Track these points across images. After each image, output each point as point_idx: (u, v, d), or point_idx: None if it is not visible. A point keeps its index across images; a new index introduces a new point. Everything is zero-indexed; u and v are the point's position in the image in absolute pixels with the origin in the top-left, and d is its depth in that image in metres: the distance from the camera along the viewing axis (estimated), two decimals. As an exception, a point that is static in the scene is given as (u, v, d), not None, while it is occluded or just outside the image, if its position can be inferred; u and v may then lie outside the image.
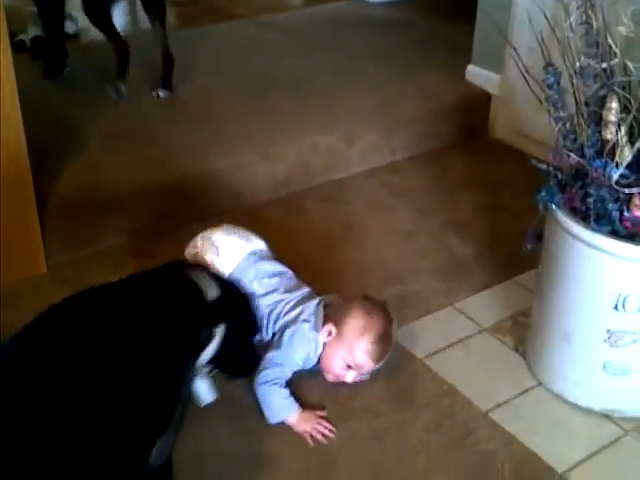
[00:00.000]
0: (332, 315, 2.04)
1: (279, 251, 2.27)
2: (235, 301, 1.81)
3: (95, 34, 3.72)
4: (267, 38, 3.92)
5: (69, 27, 3.81)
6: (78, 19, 3.86)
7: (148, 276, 1.75)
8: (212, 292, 1.73)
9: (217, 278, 1.79)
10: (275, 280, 2.14)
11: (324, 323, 2.03)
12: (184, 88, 3.30)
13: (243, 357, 1.87)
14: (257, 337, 2.02)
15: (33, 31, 3.67)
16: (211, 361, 1.76)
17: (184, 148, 2.83)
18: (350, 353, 1.99)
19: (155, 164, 2.73)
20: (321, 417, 1.97)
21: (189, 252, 2.18)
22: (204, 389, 1.86)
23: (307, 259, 2.43)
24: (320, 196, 2.92)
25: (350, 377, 2.02)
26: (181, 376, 1.57)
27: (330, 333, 2.01)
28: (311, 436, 1.93)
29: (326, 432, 1.94)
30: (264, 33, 3.98)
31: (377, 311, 2.02)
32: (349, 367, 2.00)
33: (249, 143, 2.88)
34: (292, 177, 2.91)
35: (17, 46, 3.52)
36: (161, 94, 3.21)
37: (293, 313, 2.05)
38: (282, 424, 1.94)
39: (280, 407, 1.94)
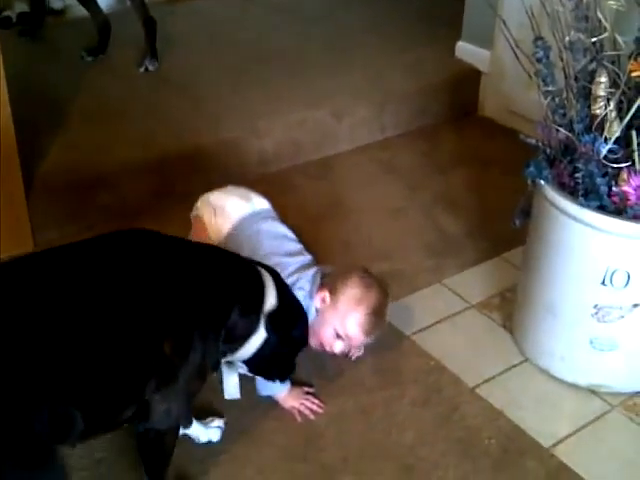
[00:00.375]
0: (329, 283, 2.00)
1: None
2: (288, 317, 1.73)
3: (81, 11, 3.70)
4: (255, 13, 3.89)
5: (55, 3, 3.77)
6: (65, -5, 3.82)
7: (222, 255, 1.72)
8: (271, 299, 1.68)
9: (280, 286, 1.74)
10: (277, 242, 2.10)
11: (319, 290, 2.00)
12: (169, 64, 3.27)
13: (276, 368, 1.80)
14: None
15: (19, 7, 3.62)
16: (246, 362, 1.74)
17: (170, 125, 2.81)
18: (342, 323, 1.96)
19: (140, 141, 2.71)
20: (309, 393, 1.97)
21: (192, 215, 2.17)
22: (232, 384, 1.85)
23: (296, 236, 2.41)
24: (309, 173, 2.91)
25: (338, 347, 1.98)
26: (192, 337, 1.54)
27: (324, 300, 1.98)
28: (299, 412, 1.93)
29: (314, 408, 1.93)
30: (252, 8, 3.94)
31: (375, 285, 1.99)
32: (338, 337, 1.97)
33: (236, 119, 2.86)
34: (281, 153, 2.90)
35: (3, 22, 3.49)
36: (149, 66, 3.18)
37: (289, 280, 2.03)
38: (270, 400, 1.94)
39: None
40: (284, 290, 1.74)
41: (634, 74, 1.74)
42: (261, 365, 1.75)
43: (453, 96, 3.30)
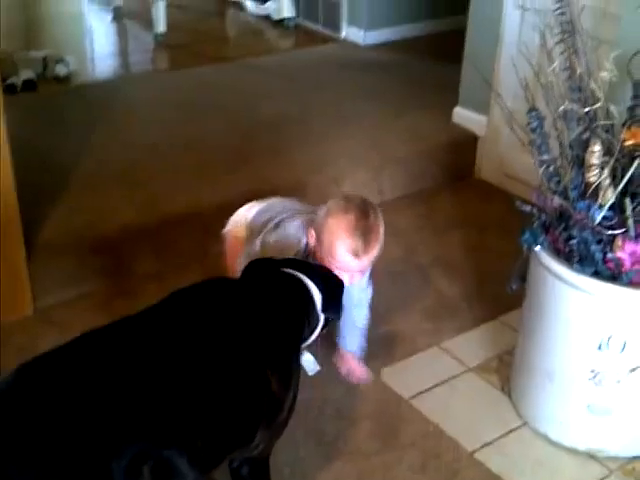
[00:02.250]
0: (314, 220, 2.01)
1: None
2: (333, 297, 1.80)
3: (85, 77, 3.78)
4: (257, 80, 3.96)
5: (60, 70, 3.85)
6: (69, 62, 3.90)
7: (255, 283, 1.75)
8: (317, 295, 1.74)
9: (314, 277, 1.77)
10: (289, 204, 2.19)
11: (308, 231, 2.01)
12: (172, 129, 3.33)
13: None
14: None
15: (25, 74, 3.71)
16: None
17: (170, 189, 2.85)
18: (332, 255, 1.93)
19: (141, 206, 2.76)
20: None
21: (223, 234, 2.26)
22: (310, 361, 1.87)
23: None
24: (309, 235, 2.93)
25: (346, 279, 1.94)
26: (291, 366, 1.62)
27: (313, 238, 1.98)
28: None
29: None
30: (254, 75, 4.02)
31: (352, 207, 1.94)
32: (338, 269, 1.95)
33: (238, 184, 2.90)
34: (282, 217, 2.93)
35: (8, 89, 3.56)
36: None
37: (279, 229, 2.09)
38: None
39: None
40: (319, 279, 1.77)
41: (627, 142, 1.78)
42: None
43: (450, 160, 3.35)
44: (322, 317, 1.75)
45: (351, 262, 1.94)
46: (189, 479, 1.38)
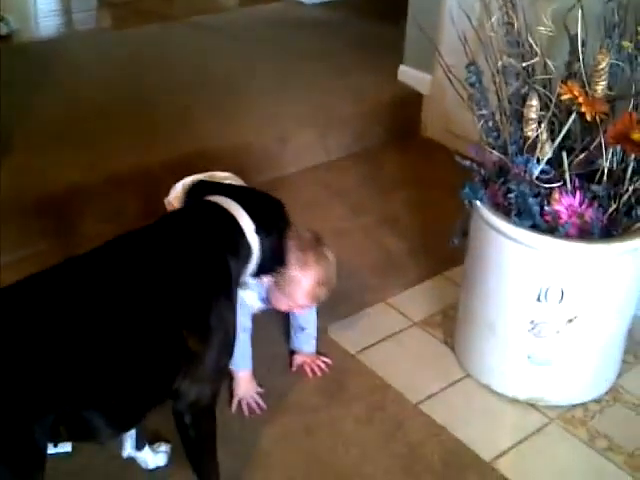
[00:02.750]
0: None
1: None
2: (265, 215, 1.75)
3: (28, 36, 3.70)
4: (201, 39, 3.93)
5: (1, 28, 3.77)
6: (10, 21, 3.82)
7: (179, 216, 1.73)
8: (245, 220, 1.68)
9: (243, 199, 1.72)
10: None
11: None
12: (117, 88, 3.28)
13: (277, 258, 1.83)
14: None
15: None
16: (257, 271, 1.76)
17: (116, 148, 2.82)
18: (292, 300, 1.98)
19: (85, 166, 2.72)
20: (259, 393, 2.05)
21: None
22: (252, 297, 2.00)
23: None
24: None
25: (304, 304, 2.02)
26: (209, 321, 1.57)
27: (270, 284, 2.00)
28: (239, 403, 2.01)
29: (254, 408, 2.02)
30: (198, 34, 3.98)
31: (310, 262, 1.96)
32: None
33: (183, 142, 2.88)
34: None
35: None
36: None
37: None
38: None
39: (241, 356, 1.96)
40: (248, 202, 1.72)
41: (564, 97, 1.80)
42: (266, 263, 1.76)
43: (395, 118, 3.36)
44: (257, 240, 1.69)
45: (309, 303, 2.02)
46: (106, 436, 1.47)
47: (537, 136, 1.84)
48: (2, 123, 2.95)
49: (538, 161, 1.84)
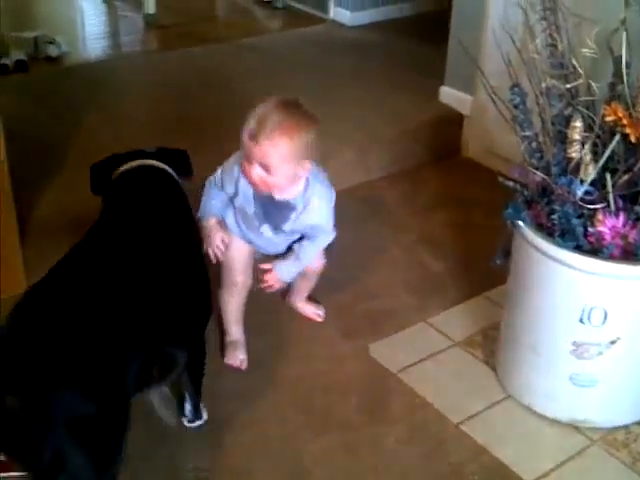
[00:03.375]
0: None
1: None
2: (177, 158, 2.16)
3: (77, 58, 3.79)
4: (245, 60, 3.98)
5: (52, 50, 3.86)
6: (61, 43, 3.91)
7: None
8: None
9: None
10: None
11: None
12: (164, 109, 3.34)
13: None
14: None
15: (16, 54, 3.72)
16: None
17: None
18: (247, 157, 1.96)
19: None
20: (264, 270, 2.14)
21: None
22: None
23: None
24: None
25: (255, 174, 1.96)
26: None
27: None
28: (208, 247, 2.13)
29: (217, 252, 2.14)
30: (242, 55, 4.03)
31: (270, 101, 2.01)
32: (260, 167, 1.95)
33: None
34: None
35: (0, 69, 3.58)
36: None
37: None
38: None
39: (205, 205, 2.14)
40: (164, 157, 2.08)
41: (608, 118, 1.80)
42: None
43: (436, 138, 3.37)
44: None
45: (252, 148, 1.92)
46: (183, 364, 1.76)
47: (581, 157, 1.85)
48: (52, 143, 3.03)
49: (581, 182, 1.84)
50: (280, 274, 2.14)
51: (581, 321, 1.89)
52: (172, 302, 1.69)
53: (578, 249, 1.84)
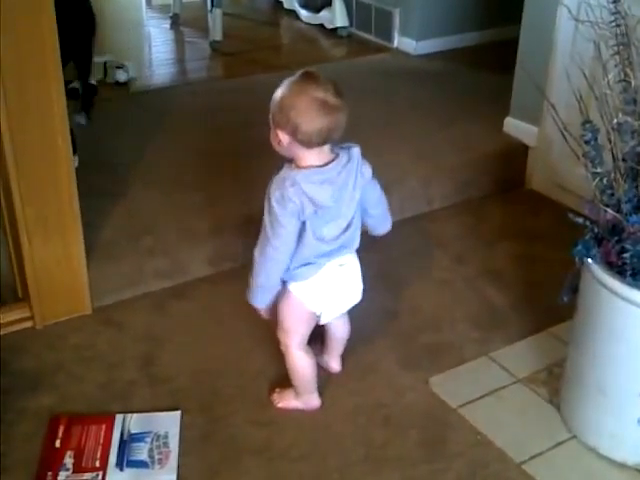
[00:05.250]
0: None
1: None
2: None
3: (143, 84, 3.86)
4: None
5: (120, 75, 3.95)
6: (129, 68, 4.00)
7: None
8: None
9: None
10: None
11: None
12: (229, 135, 3.38)
13: None
14: None
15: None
16: None
17: (225, 193, 2.91)
18: (275, 122, 1.99)
19: (197, 209, 2.81)
20: None
21: None
22: None
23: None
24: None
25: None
26: None
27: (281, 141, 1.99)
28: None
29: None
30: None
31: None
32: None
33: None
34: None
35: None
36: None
37: None
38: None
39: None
40: None
41: (681, 156, 1.77)
42: None
43: (500, 170, 3.34)
44: None
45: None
46: None
47: (653, 195, 1.82)
48: (118, 166, 3.09)
49: (654, 221, 1.81)
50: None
51: (652, 363, 1.84)
52: None
53: (650, 289, 1.80)
